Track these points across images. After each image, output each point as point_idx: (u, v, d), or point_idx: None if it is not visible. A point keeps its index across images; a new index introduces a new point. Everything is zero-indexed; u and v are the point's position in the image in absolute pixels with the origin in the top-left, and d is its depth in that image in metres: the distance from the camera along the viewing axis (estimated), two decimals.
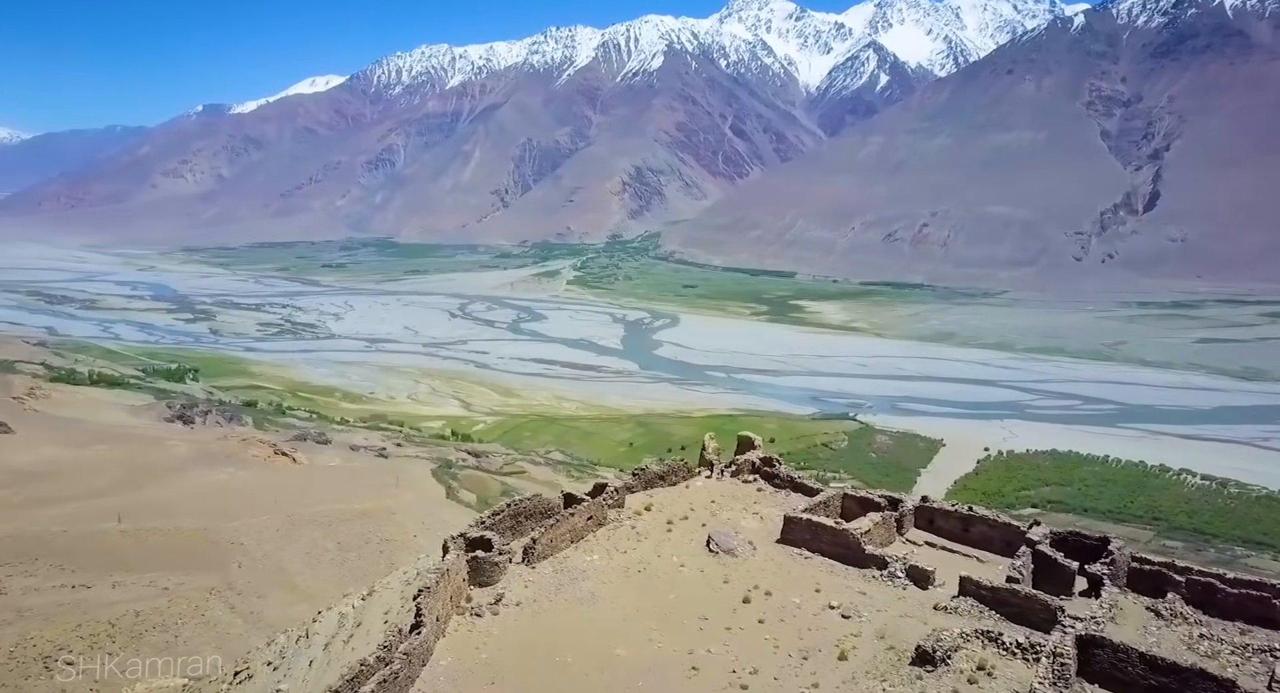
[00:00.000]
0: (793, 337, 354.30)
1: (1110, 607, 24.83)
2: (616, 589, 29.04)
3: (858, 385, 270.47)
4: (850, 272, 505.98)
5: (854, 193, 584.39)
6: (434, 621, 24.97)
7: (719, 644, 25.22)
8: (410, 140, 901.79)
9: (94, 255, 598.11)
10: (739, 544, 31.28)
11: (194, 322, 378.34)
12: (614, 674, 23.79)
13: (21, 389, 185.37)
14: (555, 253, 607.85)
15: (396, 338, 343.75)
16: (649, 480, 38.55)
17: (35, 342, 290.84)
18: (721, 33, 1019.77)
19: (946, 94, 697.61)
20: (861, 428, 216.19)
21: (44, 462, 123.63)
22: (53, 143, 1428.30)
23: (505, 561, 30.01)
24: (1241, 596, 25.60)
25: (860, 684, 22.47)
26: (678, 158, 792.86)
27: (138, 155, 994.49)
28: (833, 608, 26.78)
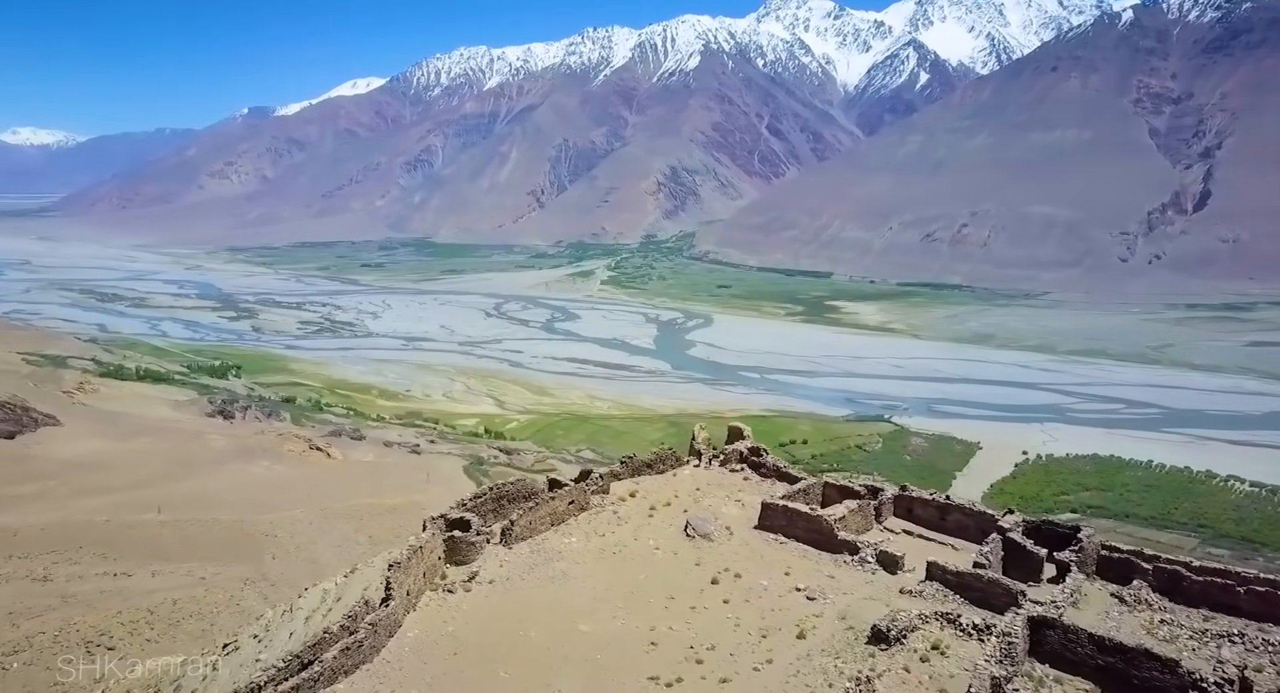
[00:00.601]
0: (828, 337, 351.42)
1: (1072, 592, 25.39)
2: (589, 570, 29.94)
3: (893, 387, 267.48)
4: (887, 272, 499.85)
5: (892, 192, 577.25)
6: (404, 594, 25.85)
7: (681, 622, 26.11)
8: (448, 141, 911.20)
9: (143, 254, 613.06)
10: (716, 529, 32.04)
11: (237, 320, 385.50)
12: (574, 648, 24.71)
13: (71, 384, 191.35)
14: (590, 253, 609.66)
15: (433, 337, 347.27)
16: (636, 468, 39.24)
17: (87, 338, 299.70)
18: (759, 32, 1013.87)
19: (988, 92, 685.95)
20: (896, 430, 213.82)
21: (90, 454, 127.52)
22: (105, 145, 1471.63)
23: (482, 541, 30.73)
24: (1206, 583, 26.21)
25: (814, 661, 23.20)
26: (713, 158, 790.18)
27: (185, 157, 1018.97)
28: (799, 590, 27.58)
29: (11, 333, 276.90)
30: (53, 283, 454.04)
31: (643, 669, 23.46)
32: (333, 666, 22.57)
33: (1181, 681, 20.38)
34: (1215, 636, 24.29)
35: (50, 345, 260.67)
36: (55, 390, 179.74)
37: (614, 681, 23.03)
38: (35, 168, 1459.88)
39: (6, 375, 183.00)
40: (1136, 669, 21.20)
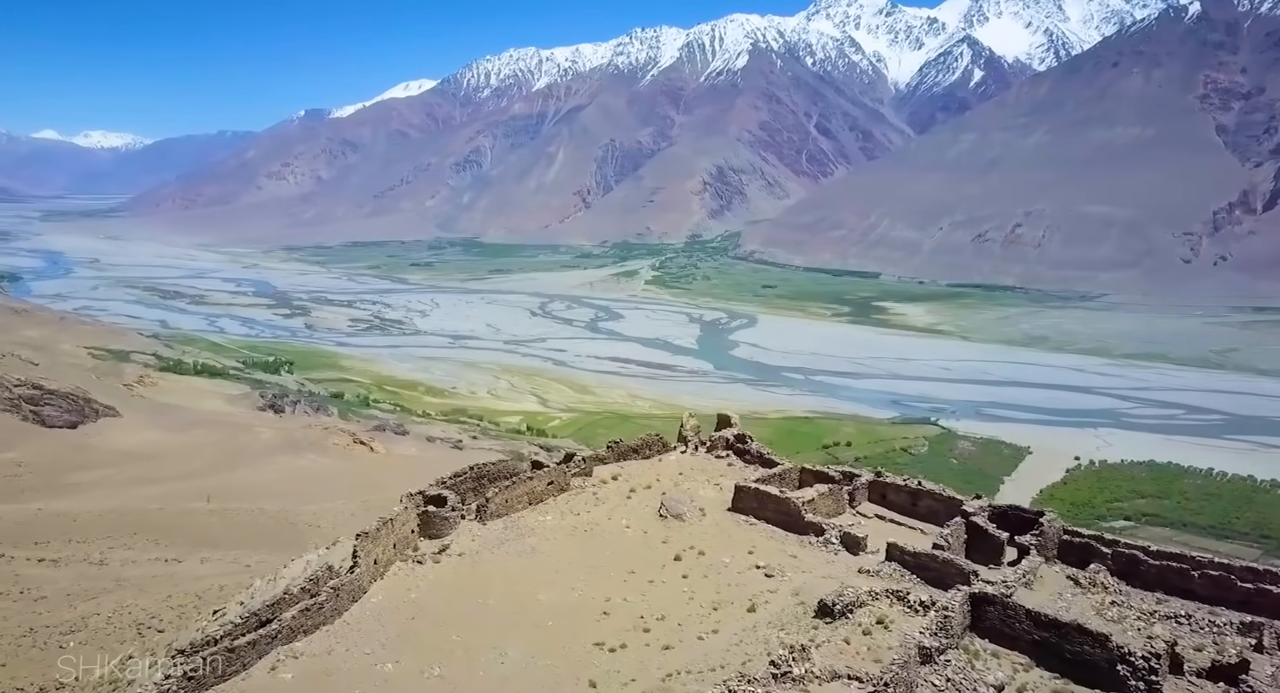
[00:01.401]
0: (874, 339, 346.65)
1: (1025, 573, 26.07)
2: (558, 546, 30.94)
3: (941, 390, 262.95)
4: (937, 273, 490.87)
5: (943, 192, 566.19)
6: (370, 563, 27.06)
7: (637, 594, 27.03)
8: (497, 142, 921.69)
9: (204, 253, 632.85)
10: (689, 510, 32.81)
11: (291, 317, 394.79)
12: (528, 615, 25.71)
13: (132, 377, 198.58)
14: (634, 253, 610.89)
15: (479, 335, 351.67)
16: (622, 453, 40.10)
17: (149, 334, 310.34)
18: (808, 30, 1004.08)
19: (1045, 89, 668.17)
20: (943, 433, 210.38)
21: (146, 444, 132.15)
22: (170, 148, 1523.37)
23: (457, 516, 31.80)
24: (1163, 568, 26.86)
25: (759, 632, 23.88)
26: (760, 157, 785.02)
27: (245, 159, 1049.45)
28: (759, 568, 28.41)
29: (79, 328, 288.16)
30: (119, 280, 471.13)
31: (590, 636, 24.33)
32: (291, 625, 23.71)
33: (1111, 654, 21.08)
34: (1163, 617, 24.80)
35: (114, 340, 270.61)
36: (116, 383, 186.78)
37: (560, 645, 23.92)
38: (105, 170, 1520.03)
39: (72, 368, 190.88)
40: (1069, 644, 21.93)
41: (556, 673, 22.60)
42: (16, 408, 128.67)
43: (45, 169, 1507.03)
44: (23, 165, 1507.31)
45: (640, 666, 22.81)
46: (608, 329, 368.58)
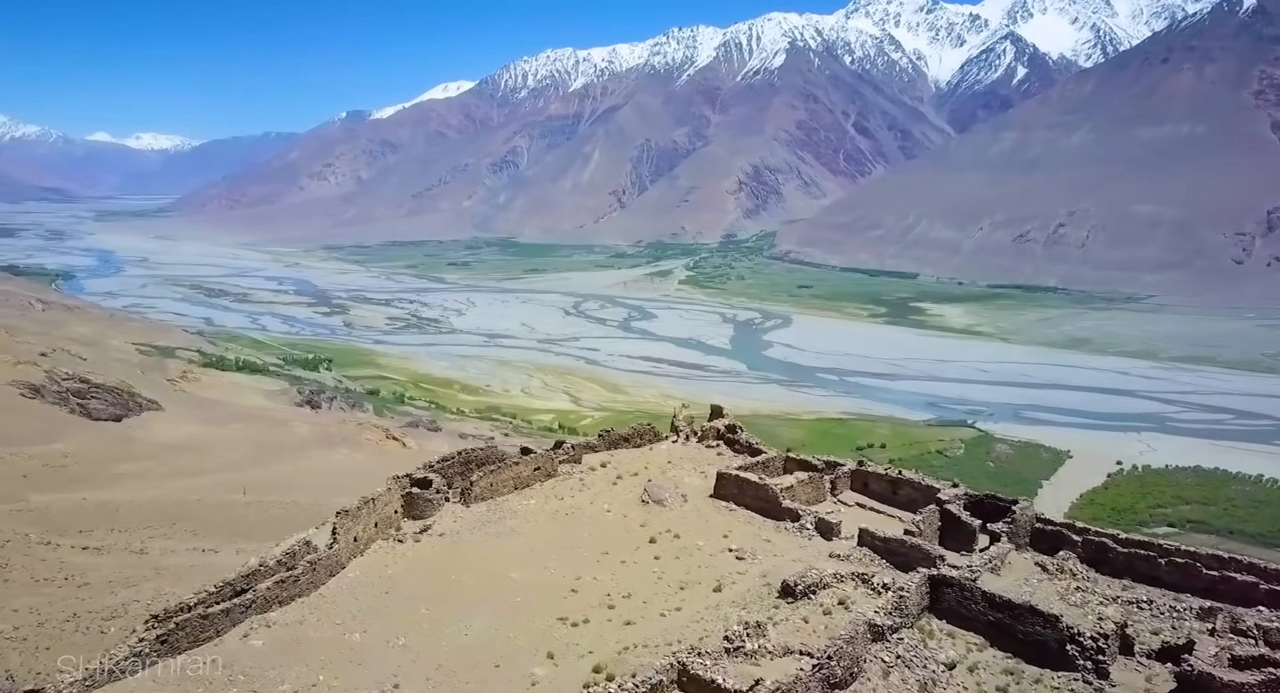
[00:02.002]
0: (911, 340, 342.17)
1: (992, 558, 26.73)
2: (538, 527, 31.67)
3: (979, 392, 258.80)
4: (977, 273, 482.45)
5: (983, 191, 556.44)
6: (350, 540, 28.11)
7: (607, 574, 27.66)
8: (533, 143, 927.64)
9: (248, 252, 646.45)
10: (670, 496, 33.52)
11: (330, 315, 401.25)
12: (498, 592, 26.48)
13: (175, 372, 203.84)
14: (669, 252, 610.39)
15: (513, 334, 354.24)
16: (613, 442, 41.04)
17: (194, 331, 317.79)
18: (847, 28, 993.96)
19: (1091, 86, 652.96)
20: (980, 436, 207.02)
21: (186, 437, 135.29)
22: (216, 149, 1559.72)
23: (441, 499, 32.78)
24: (1130, 555, 27.37)
25: (721, 610, 24.37)
26: (797, 156, 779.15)
27: (288, 159, 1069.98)
28: (731, 551, 29.07)
29: (128, 324, 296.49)
30: (167, 279, 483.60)
31: (555, 611, 24.99)
32: (266, 595, 24.77)
33: (1061, 634, 21.74)
34: (1125, 602, 25.25)
35: (161, 337, 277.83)
36: (160, 378, 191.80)
37: (525, 619, 24.61)
38: (155, 171, 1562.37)
39: (119, 363, 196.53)
40: (1022, 624, 22.65)
41: (516, 644, 23.30)
42: (65, 401, 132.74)
43: (98, 170, 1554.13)
44: (77, 167, 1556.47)
45: (599, 639, 23.40)
46: (640, 329, 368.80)
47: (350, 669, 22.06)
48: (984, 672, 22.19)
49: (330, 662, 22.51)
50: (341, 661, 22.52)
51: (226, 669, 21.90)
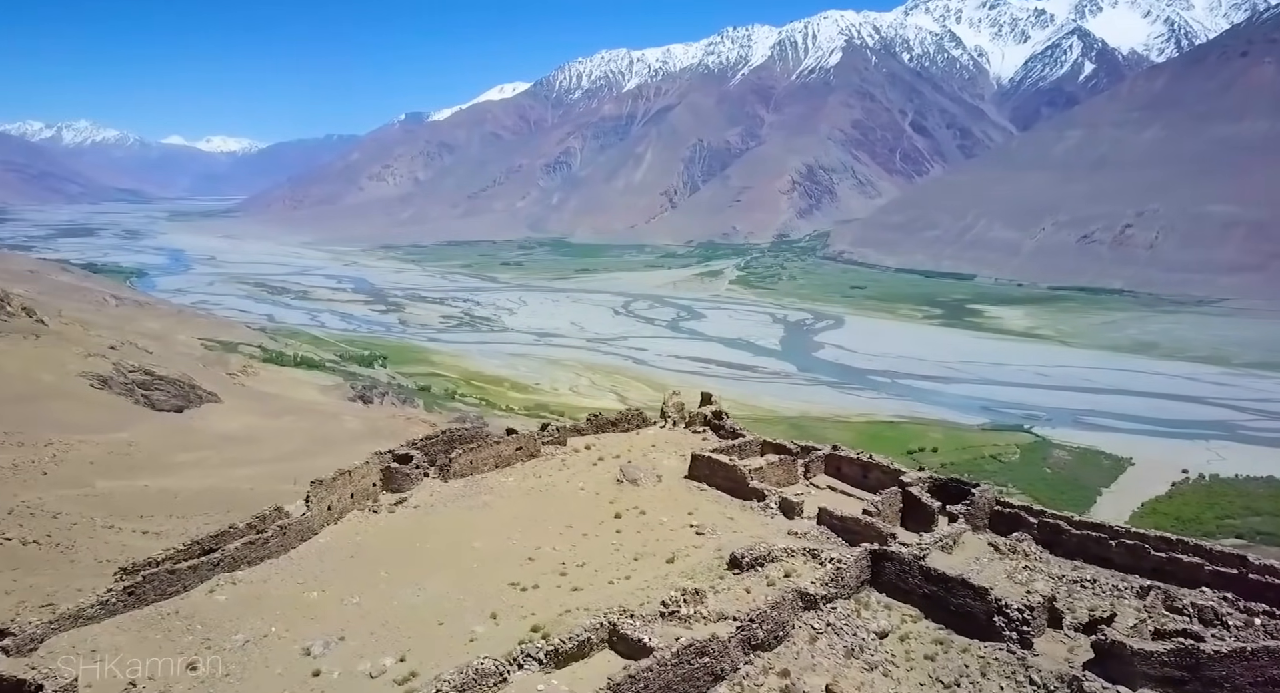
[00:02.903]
0: (967, 342, 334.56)
1: (942, 538, 27.66)
2: (510, 502, 32.49)
3: (1036, 396, 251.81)
4: (1037, 275, 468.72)
5: (1046, 191, 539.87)
6: (323, 508, 29.50)
7: (566, 545, 28.35)
8: (586, 143, 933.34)
9: (309, 251, 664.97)
10: (645, 476, 34.21)
11: (386, 313, 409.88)
12: (458, 558, 27.44)
13: (236, 366, 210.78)
14: (719, 253, 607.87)
15: (563, 333, 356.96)
16: (601, 426, 41.88)
17: (256, 327, 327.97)
18: (906, 25, 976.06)
19: (1163, 81, 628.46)
20: (1037, 441, 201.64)
21: (242, 428, 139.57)
22: (281, 151, 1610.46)
23: (420, 473, 33.88)
24: (1083, 537, 28.04)
25: (669, 580, 25.01)
26: (852, 155, 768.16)
27: (349, 161, 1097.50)
28: (692, 527, 29.82)
29: (195, 320, 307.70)
30: (232, 276, 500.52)
31: (509, 577, 25.75)
32: (234, 555, 26.24)
33: (989, 606, 22.73)
34: (1070, 581, 26.05)
35: (225, 333, 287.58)
36: (221, 372, 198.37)
37: (477, 583, 25.42)
38: (224, 172, 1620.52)
39: (184, 357, 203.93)
40: (954, 596, 23.56)
41: (463, 605, 24.09)
42: (130, 392, 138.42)
43: (171, 172, 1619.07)
44: (152, 169, 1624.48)
45: (544, 603, 24.08)
46: (689, 329, 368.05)
47: (302, 623, 23.22)
48: (915, 641, 23.20)
49: (285, 616, 23.68)
50: (296, 615, 23.69)
51: (187, 620, 23.25)
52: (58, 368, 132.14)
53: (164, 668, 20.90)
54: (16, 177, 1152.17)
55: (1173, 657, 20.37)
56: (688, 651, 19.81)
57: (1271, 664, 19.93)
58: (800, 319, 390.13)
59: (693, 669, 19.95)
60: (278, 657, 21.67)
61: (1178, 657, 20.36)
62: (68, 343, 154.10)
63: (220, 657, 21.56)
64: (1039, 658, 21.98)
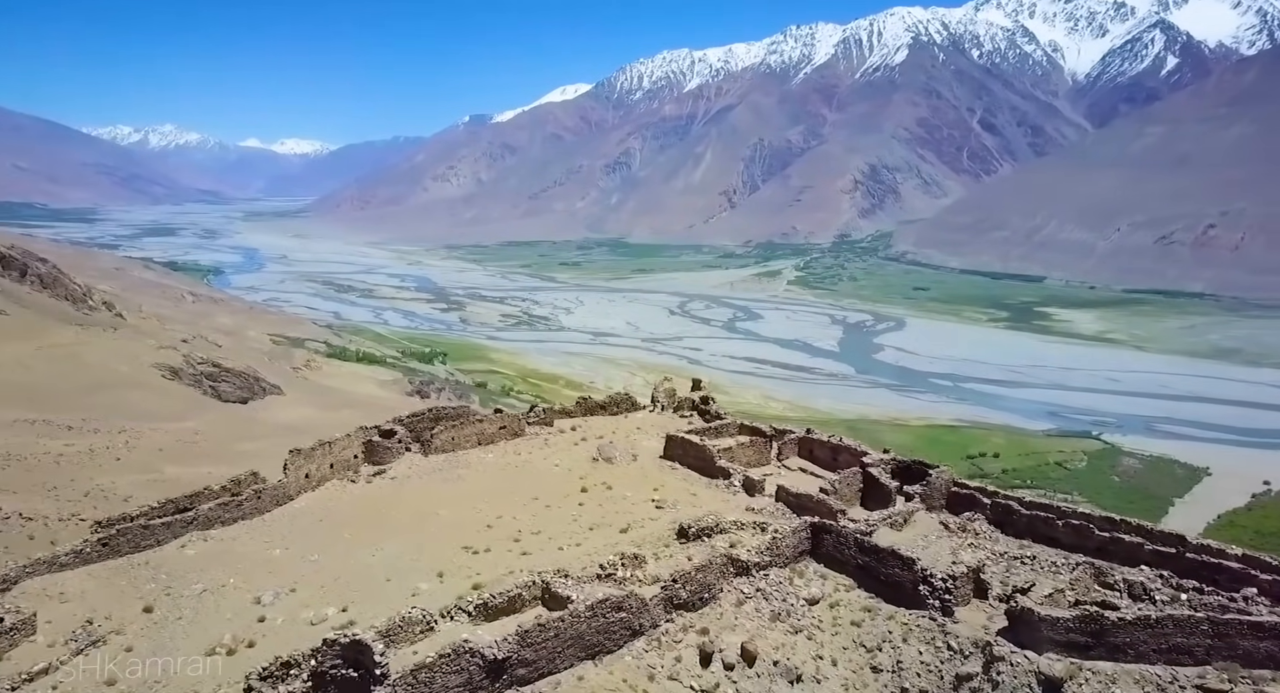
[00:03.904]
0: (1035, 346, 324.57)
1: (890, 515, 28.75)
2: (484, 476, 33.49)
3: (1107, 402, 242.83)
4: (1111, 277, 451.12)
5: (1122, 190, 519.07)
6: (301, 476, 31.09)
7: (528, 515, 29.02)
8: (646, 144, 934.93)
9: (375, 251, 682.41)
10: (621, 456, 35.08)
11: (448, 311, 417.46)
12: (422, 525, 28.40)
13: (300, 361, 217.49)
14: (778, 253, 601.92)
15: (618, 332, 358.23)
16: (589, 409, 42.99)
17: (323, 324, 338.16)
18: (976, 21, 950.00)
19: (1253, 75, 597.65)
20: (1105, 448, 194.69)
21: (301, 419, 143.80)
22: (351, 153, 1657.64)
23: (401, 447, 35.22)
24: (1032, 517, 28.82)
25: (619, 548, 25.40)
26: (917, 154, 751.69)
27: (414, 162, 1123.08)
28: (654, 502, 30.51)
29: (265, 316, 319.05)
30: (302, 275, 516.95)
31: (463, 542, 26.51)
32: (208, 515, 27.80)
33: (915, 576, 23.84)
34: (1011, 558, 27.03)
35: (292, 329, 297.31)
36: (286, 366, 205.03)
37: (434, 547, 26.30)
38: (296, 174, 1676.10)
39: (252, 351, 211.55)
40: (884, 567, 24.75)
41: (416, 565, 24.98)
42: (199, 383, 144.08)
43: (248, 174, 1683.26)
44: (230, 171, 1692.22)
45: (491, 565, 24.79)
46: (745, 329, 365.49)
47: (259, 575, 24.47)
48: (844, 608, 24.36)
49: (245, 569, 24.96)
50: (255, 569, 24.97)
51: (154, 570, 24.79)
52: (132, 359, 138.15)
53: (121, 610, 22.37)
54: (107, 179, 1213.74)
55: (1078, 623, 21.29)
56: (603, 605, 20.92)
57: (1176, 633, 20.91)
58: (860, 320, 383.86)
59: (608, 623, 21.06)
60: (230, 604, 22.96)
61: (1083, 623, 21.27)
62: (142, 336, 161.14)
63: (176, 602, 22.97)
64: (959, 625, 23.02)
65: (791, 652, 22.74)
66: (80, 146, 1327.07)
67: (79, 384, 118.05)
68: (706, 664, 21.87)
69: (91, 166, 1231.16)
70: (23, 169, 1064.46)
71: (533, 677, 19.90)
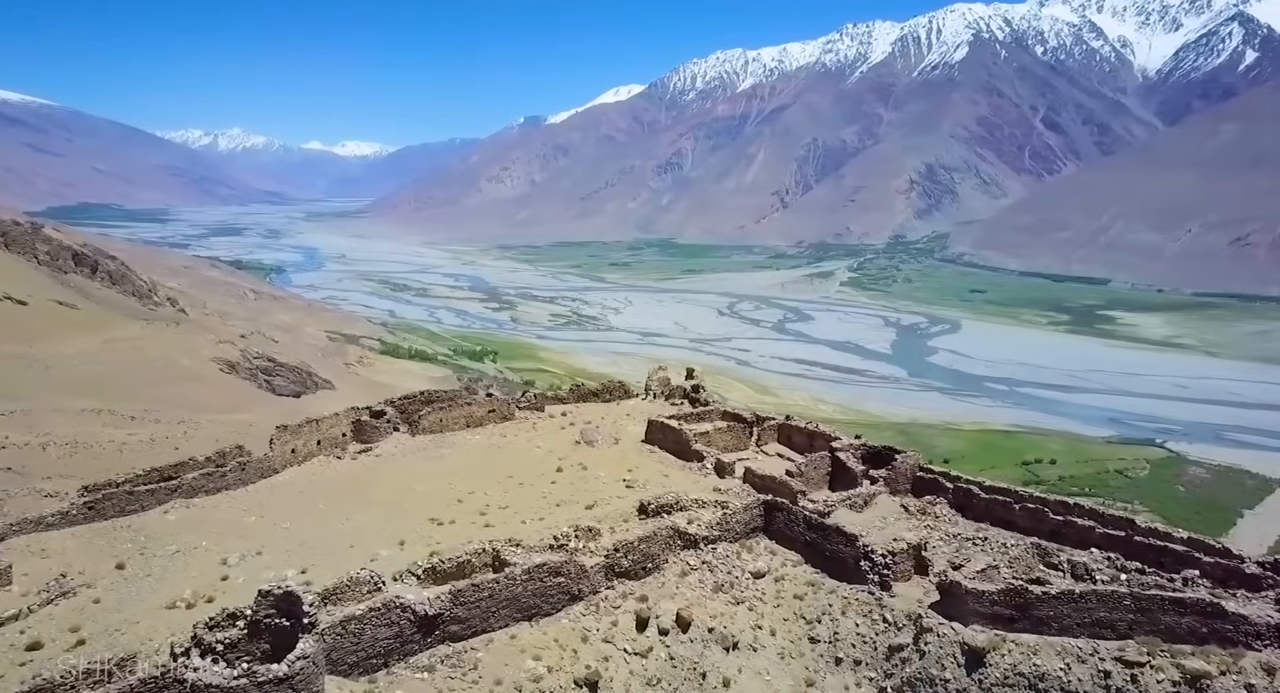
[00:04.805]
0: (1097, 351, 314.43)
1: (849, 496, 29.71)
2: (466, 455, 34.20)
3: (1173, 409, 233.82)
4: (1181, 280, 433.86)
5: (1194, 189, 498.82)
6: (287, 451, 32.27)
7: (499, 491, 29.66)
8: (698, 144, 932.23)
9: (430, 251, 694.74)
10: (602, 439, 35.86)
11: (499, 311, 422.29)
12: (394, 498, 29.15)
13: (353, 357, 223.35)
14: (831, 253, 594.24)
15: (667, 333, 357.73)
16: (582, 396, 44.14)
17: (378, 322, 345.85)
18: (1040, 17, 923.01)
19: None
20: (1170, 457, 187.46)
21: None
22: (408, 155, 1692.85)
23: (389, 427, 36.17)
24: (990, 501, 29.38)
25: (581, 522, 25.88)
26: (975, 154, 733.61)
27: (469, 164, 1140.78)
28: (625, 482, 31.20)
29: (324, 314, 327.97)
30: (360, 274, 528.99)
31: (431, 514, 27.23)
32: (191, 484, 28.97)
33: (857, 552, 24.83)
34: (964, 539, 27.67)
35: (348, 326, 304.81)
36: (339, 362, 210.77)
37: (401, 518, 27.05)
38: (357, 175, 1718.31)
39: (307, 347, 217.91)
40: (829, 543, 25.72)
41: (381, 534, 25.73)
42: (254, 377, 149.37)
43: (310, 175, 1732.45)
44: (294, 172, 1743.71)
45: (453, 536, 25.36)
46: (795, 331, 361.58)
47: (230, 539, 25.54)
48: (789, 582, 25.29)
49: (218, 534, 26.01)
50: (228, 533, 26.05)
51: (134, 532, 26.02)
52: (193, 353, 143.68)
53: (95, 566, 23.60)
54: (178, 181, 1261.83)
55: (1003, 597, 22.00)
56: (540, 569, 21.86)
57: (1099, 607, 21.46)
58: (914, 323, 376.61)
59: (545, 587, 22.04)
60: (198, 564, 24.02)
61: (1007, 596, 21.98)
62: (203, 331, 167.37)
63: (149, 561, 24.15)
64: (895, 599, 23.99)
65: (730, 621, 23.60)
66: (154, 150, 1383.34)
67: (142, 376, 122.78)
68: (642, 629, 22.79)
69: (164, 169, 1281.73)
70: (101, 171, 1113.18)
71: (466, 634, 20.84)
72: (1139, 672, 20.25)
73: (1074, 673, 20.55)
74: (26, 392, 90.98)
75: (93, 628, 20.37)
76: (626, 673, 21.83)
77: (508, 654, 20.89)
